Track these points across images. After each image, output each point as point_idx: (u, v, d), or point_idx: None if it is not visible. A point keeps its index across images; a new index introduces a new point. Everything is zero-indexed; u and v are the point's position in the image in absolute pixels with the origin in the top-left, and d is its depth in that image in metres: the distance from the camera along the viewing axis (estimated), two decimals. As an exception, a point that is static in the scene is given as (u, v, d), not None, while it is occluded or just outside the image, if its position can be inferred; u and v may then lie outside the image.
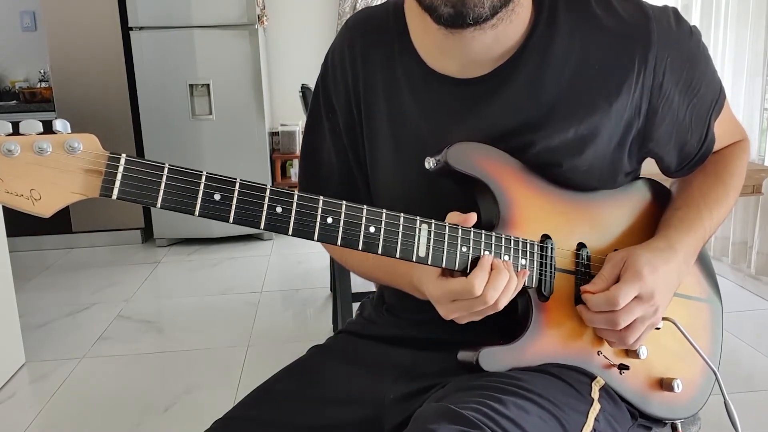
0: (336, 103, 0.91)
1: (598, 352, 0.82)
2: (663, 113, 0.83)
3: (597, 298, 0.78)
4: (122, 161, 0.61)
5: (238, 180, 0.65)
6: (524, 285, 0.78)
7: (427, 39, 0.82)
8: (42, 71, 4.01)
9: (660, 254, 0.80)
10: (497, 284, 0.72)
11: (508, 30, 0.78)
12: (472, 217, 0.74)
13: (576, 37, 0.80)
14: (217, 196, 0.65)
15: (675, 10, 0.83)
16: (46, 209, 0.59)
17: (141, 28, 3.55)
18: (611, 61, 0.79)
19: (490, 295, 0.71)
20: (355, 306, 2.10)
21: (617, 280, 0.79)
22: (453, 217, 0.74)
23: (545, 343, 0.79)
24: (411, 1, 0.84)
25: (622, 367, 0.82)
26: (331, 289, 2.83)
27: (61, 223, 3.78)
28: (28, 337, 2.46)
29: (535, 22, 0.80)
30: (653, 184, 0.92)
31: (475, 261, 0.74)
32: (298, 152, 4.07)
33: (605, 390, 0.81)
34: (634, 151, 0.84)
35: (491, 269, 0.73)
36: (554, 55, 0.79)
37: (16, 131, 0.58)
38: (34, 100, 3.77)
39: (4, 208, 2.28)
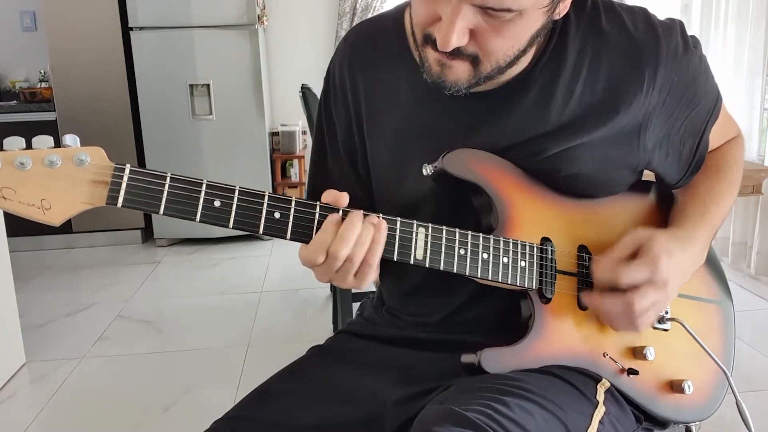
0: (336, 117, 0.91)
1: (604, 354, 0.82)
2: (662, 128, 0.83)
3: (602, 271, 0.78)
4: (126, 172, 0.65)
5: (238, 187, 0.68)
6: (525, 287, 0.79)
7: None
8: (42, 71, 4.01)
9: (680, 243, 0.81)
10: (343, 235, 0.69)
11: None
12: (344, 199, 0.72)
13: (586, 54, 0.80)
14: (217, 203, 0.67)
15: (681, 26, 0.83)
16: (55, 218, 0.63)
17: (141, 28, 3.55)
18: (620, 79, 0.79)
19: (338, 249, 0.69)
20: (355, 306, 2.10)
21: (630, 258, 0.79)
22: (327, 195, 0.73)
23: (548, 344, 0.79)
24: None
25: (631, 372, 0.82)
26: (331, 289, 2.83)
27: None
28: (28, 337, 2.46)
29: (548, 40, 0.80)
30: (655, 187, 0.92)
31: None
32: (298, 152, 4.07)
33: (610, 392, 0.81)
34: (637, 165, 0.85)
35: (341, 226, 0.70)
36: (564, 72, 0.79)
37: (29, 146, 0.62)
38: (34, 100, 3.77)
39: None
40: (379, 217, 0.72)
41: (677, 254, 0.80)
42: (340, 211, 0.71)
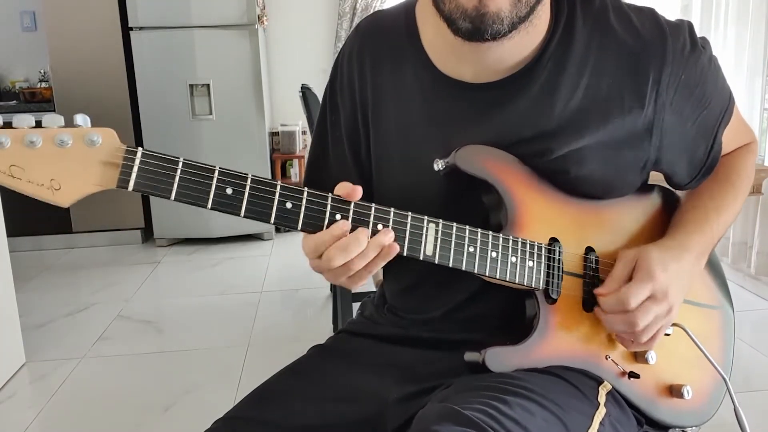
0: (341, 106, 0.90)
1: (606, 357, 0.82)
2: (673, 129, 0.83)
3: (608, 299, 0.78)
4: (139, 154, 0.64)
5: (250, 175, 0.67)
6: (531, 287, 0.79)
7: (441, 44, 0.82)
8: (42, 71, 4.01)
9: (671, 253, 0.81)
10: (346, 248, 0.69)
11: (525, 40, 0.78)
12: (357, 192, 0.71)
13: (592, 49, 0.80)
14: (229, 191, 0.66)
15: (690, 26, 0.83)
16: (65, 198, 0.62)
17: (141, 28, 3.55)
18: (626, 77, 0.79)
19: (335, 256, 0.69)
20: (355, 306, 2.10)
21: (629, 279, 0.79)
22: (340, 188, 0.72)
23: (552, 345, 0.79)
24: (425, 6, 0.84)
25: (632, 375, 0.82)
26: (331, 289, 2.82)
27: (61, 223, 3.77)
28: (28, 337, 2.46)
29: (552, 32, 0.80)
30: (663, 191, 0.91)
31: None
32: (298, 152, 4.07)
33: (612, 394, 0.81)
34: (644, 165, 0.84)
35: (347, 234, 0.69)
36: (570, 65, 0.79)
37: (39, 125, 0.61)
38: (34, 100, 3.77)
39: (4, 208, 2.28)
40: (389, 220, 0.71)
41: (671, 265, 0.79)
42: (351, 213, 0.71)
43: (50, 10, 3.60)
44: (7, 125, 0.61)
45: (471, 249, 0.75)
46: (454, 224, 0.74)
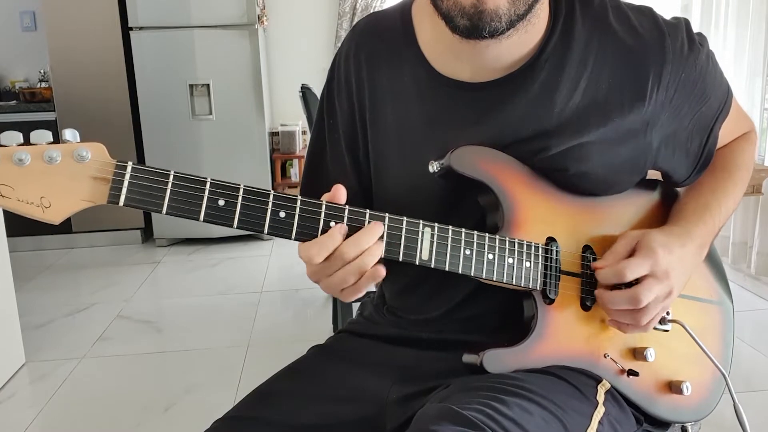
0: (339, 108, 0.90)
1: (605, 355, 0.82)
2: (671, 126, 0.83)
3: (605, 272, 0.78)
4: (129, 169, 0.63)
5: (242, 186, 0.67)
6: (529, 288, 0.78)
7: (438, 43, 0.82)
8: (42, 71, 4.01)
9: (676, 238, 0.81)
10: (358, 239, 0.69)
11: (524, 38, 0.78)
12: (341, 192, 0.72)
13: (592, 48, 0.80)
14: (221, 202, 0.66)
15: (687, 24, 0.83)
16: (55, 216, 0.62)
17: (141, 28, 3.55)
18: (626, 76, 0.79)
19: (349, 250, 0.69)
20: (356, 306, 2.10)
21: (629, 257, 0.79)
22: (326, 196, 0.72)
23: (550, 345, 0.79)
24: (423, 6, 0.84)
25: (631, 373, 0.82)
26: (331, 289, 2.82)
27: (61, 223, 3.76)
28: (28, 337, 2.46)
29: (551, 31, 0.80)
30: (661, 187, 0.91)
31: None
32: (298, 152, 4.07)
33: (611, 393, 0.81)
34: (643, 163, 0.84)
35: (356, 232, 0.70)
36: (569, 64, 0.79)
37: (27, 141, 0.60)
38: (34, 100, 3.77)
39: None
40: (384, 225, 0.72)
41: (676, 249, 0.80)
42: (345, 219, 0.70)
43: (50, 10, 3.60)
44: None
45: (467, 252, 0.75)
46: (450, 227, 0.74)
